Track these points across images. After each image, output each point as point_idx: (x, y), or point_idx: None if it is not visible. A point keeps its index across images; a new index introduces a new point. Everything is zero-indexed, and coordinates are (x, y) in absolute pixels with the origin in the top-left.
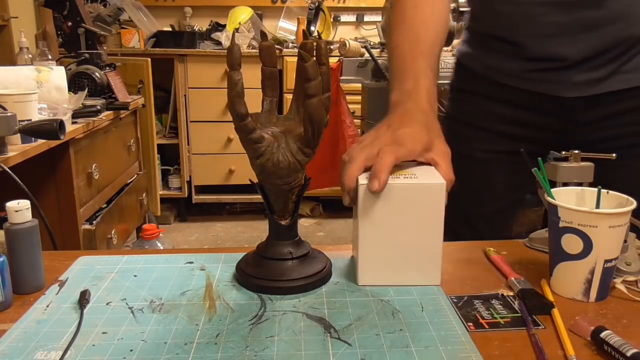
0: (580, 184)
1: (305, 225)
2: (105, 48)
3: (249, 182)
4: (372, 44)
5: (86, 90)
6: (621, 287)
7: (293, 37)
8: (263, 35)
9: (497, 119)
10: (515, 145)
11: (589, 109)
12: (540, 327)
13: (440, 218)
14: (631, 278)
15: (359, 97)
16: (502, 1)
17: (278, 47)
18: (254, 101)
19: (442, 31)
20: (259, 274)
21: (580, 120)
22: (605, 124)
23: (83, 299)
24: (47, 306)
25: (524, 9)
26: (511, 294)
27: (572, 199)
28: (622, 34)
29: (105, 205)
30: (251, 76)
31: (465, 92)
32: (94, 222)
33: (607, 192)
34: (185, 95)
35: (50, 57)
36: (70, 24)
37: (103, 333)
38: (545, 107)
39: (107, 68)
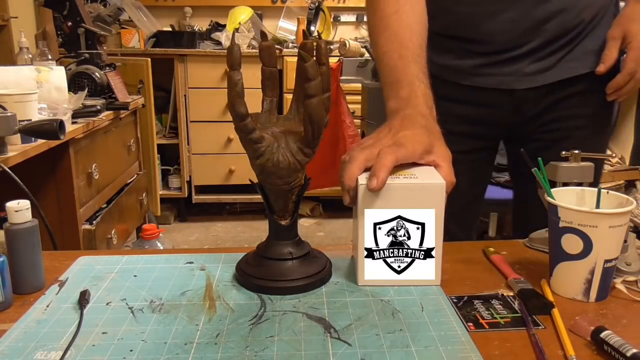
0: (580, 184)
1: (305, 225)
2: (105, 48)
3: (249, 182)
4: None
5: (86, 90)
6: (621, 287)
7: (293, 37)
8: (263, 35)
9: (454, 119)
10: (472, 143)
11: (538, 99)
12: (540, 327)
13: (440, 218)
14: (631, 278)
15: (359, 97)
16: (458, 1)
17: (278, 47)
18: (254, 101)
19: (424, 33)
20: (259, 274)
21: (530, 111)
22: (551, 110)
23: (83, 299)
24: (47, 306)
25: (483, 8)
26: (511, 294)
27: (572, 199)
28: (572, 23)
29: (105, 205)
30: (251, 76)
31: None
32: (94, 222)
33: (607, 192)
34: (185, 95)
35: (50, 57)
36: (70, 24)
37: (103, 333)
38: (497, 102)
39: (107, 68)
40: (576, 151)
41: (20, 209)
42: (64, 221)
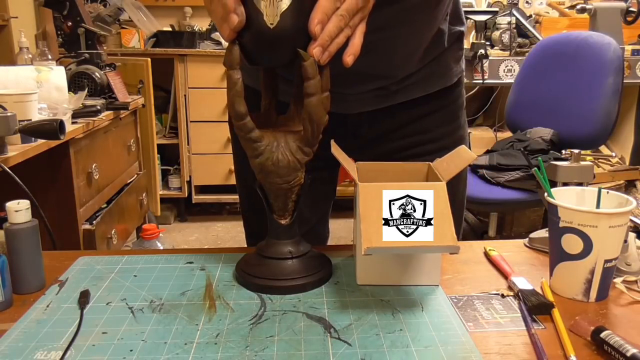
0: (580, 184)
1: None
2: (105, 48)
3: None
4: None
5: (86, 90)
6: (621, 287)
7: None
8: None
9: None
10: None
11: (369, 125)
12: (540, 327)
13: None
14: (631, 278)
15: None
16: None
17: None
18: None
19: None
20: (259, 274)
21: (368, 134)
22: (388, 137)
23: (83, 299)
24: (47, 306)
25: None
26: (511, 294)
27: (572, 199)
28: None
29: (105, 205)
30: None
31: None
32: (94, 222)
33: (607, 192)
34: (185, 95)
35: (50, 57)
36: (70, 24)
37: (103, 333)
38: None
39: (107, 68)
40: (576, 151)
41: (20, 209)
42: (64, 221)
